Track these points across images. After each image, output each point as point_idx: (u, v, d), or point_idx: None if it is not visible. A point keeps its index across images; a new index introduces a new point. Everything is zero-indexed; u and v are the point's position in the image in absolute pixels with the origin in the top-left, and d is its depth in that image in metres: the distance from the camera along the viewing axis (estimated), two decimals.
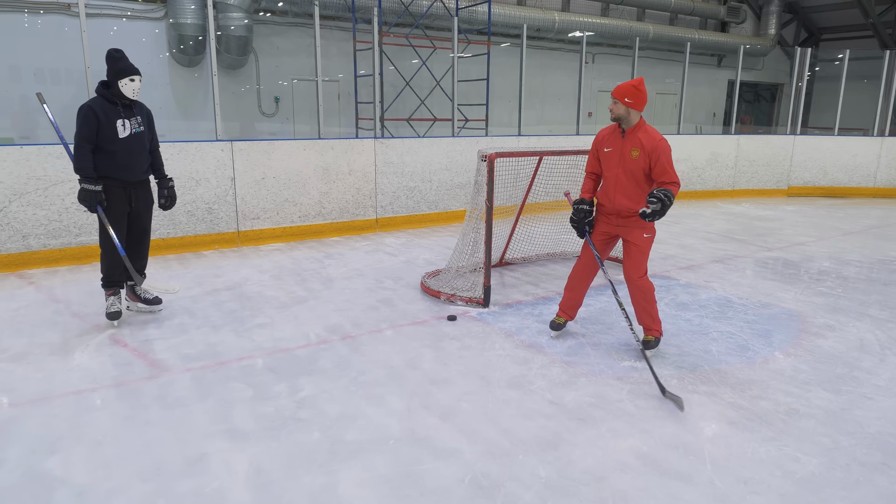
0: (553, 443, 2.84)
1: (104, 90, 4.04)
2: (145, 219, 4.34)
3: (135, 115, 4.13)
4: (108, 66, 4.02)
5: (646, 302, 3.86)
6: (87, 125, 3.92)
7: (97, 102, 3.99)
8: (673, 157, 3.72)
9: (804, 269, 6.06)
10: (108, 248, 4.15)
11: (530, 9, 12.54)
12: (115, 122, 4.01)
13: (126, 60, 4.05)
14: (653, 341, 3.92)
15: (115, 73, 3.99)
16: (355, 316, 4.52)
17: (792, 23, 17.61)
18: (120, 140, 4.02)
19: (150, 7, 9.14)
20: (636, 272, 3.81)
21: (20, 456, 2.69)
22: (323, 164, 7.08)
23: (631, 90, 3.66)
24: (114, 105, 4.03)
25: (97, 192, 3.99)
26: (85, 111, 3.94)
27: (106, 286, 4.26)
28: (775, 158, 11.12)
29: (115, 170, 4.05)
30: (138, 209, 4.26)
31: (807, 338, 4.21)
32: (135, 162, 4.14)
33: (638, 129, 3.71)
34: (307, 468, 2.62)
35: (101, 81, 4.07)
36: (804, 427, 3.00)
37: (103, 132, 3.97)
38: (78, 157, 3.95)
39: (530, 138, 8.78)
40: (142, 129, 4.17)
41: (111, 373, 3.52)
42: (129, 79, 4.02)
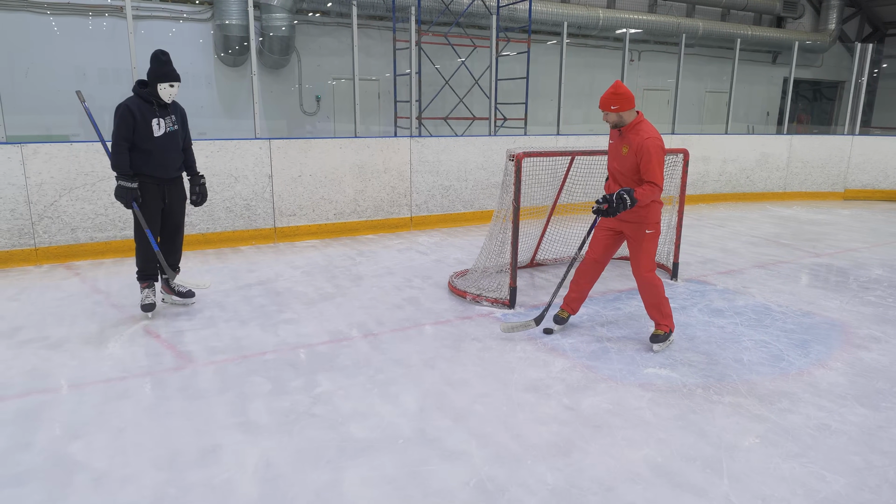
0: (565, 449, 2.78)
1: (141, 89, 4.15)
2: (178, 215, 4.46)
3: (169, 115, 4.25)
4: (152, 66, 4.12)
5: (654, 297, 3.93)
6: (124, 124, 4.04)
7: (134, 101, 4.10)
8: (719, 157, 3.80)
9: (853, 276, 5.76)
10: (143, 243, 4.30)
11: (573, 6, 12.35)
12: (151, 121, 4.12)
13: (170, 65, 4.14)
14: (661, 335, 3.95)
15: (156, 76, 4.10)
16: (380, 314, 4.54)
17: (854, 17, 16.77)
18: (155, 139, 4.15)
19: (197, 9, 9.45)
20: (641, 268, 3.91)
21: (47, 439, 2.81)
22: (359, 162, 7.16)
23: (613, 98, 3.72)
24: (150, 104, 4.14)
25: (133, 188, 4.13)
26: (122, 110, 4.05)
27: (141, 279, 4.41)
28: (831, 160, 10.61)
29: (151, 167, 4.18)
30: (171, 205, 4.38)
31: (848, 349, 3.99)
32: (169, 160, 4.26)
33: (631, 128, 3.79)
34: (315, 464, 2.64)
35: (139, 80, 4.19)
36: (834, 444, 2.85)
37: (139, 131, 4.08)
38: (115, 154, 4.08)
39: (569, 138, 8.64)
40: (176, 128, 4.29)
41: (141, 363, 3.65)
42: (169, 84, 4.12)
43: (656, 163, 3.66)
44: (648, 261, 3.89)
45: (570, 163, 5.52)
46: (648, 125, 3.78)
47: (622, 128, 3.79)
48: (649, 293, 3.93)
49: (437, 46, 10.46)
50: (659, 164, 3.68)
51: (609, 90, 3.76)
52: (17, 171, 5.51)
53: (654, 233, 3.89)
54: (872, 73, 11.11)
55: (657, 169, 3.67)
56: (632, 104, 3.74)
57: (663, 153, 3.73)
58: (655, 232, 3.90)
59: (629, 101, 3.72)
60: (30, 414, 3.04)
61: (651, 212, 3.85)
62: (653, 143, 3.67)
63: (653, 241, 3.91)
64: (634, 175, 3.77)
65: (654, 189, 3.68)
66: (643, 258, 3.89)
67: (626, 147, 3.77)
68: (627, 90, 3.75)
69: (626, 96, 3.71)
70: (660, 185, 3.68)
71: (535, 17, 11.31)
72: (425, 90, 10.52)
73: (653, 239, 3.90)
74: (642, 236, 3.87)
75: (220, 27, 9.11)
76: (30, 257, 5.67)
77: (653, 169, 3.66)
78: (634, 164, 3.74)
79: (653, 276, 3.91)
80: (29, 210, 5.60)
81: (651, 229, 3.88)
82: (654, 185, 3.67)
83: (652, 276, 3.90)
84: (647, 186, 3.67)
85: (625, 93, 3.72)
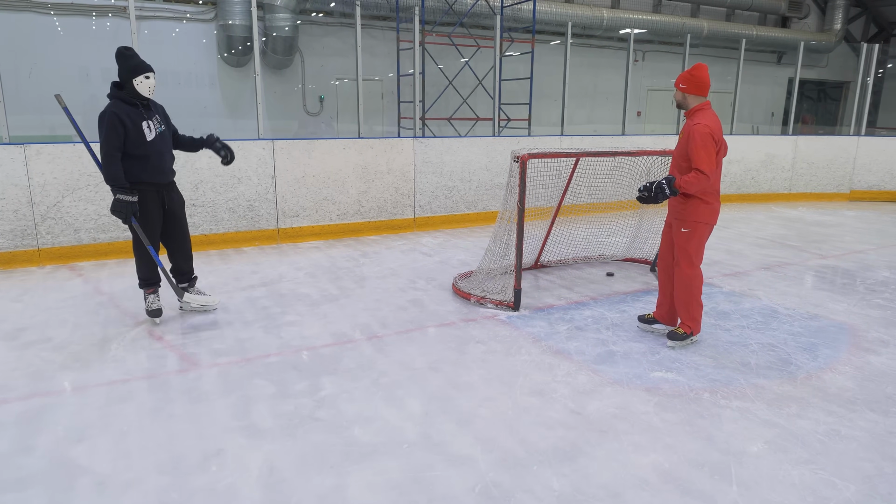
0: (571, 454, 2.75)
1: (119, 91, 3.88)
2: (181, 218, 4.35)
3: (154, 115, 4.03)
4: (120, 64, 3.84)
5: (684, 295, 3.94)
6: (113, 132, 3.76)
7: (119, 106, 3.83)
8: (725, 158, 3.72)
9: (861, 279, 5.71)
10: (142, 253, 4.17)
11: (577, 6, 12.31)
12: (141, 124, 3.89)
13: (138, 57, 3.86)
14: (680, 334, 3.95)
15: (128, 71, 3.82)
16: (384, 316, 4.52)
17: (860, 17, 16.68)
18: (148, 143, 3.93)
19: (200, 9, 9.44)
20: (676, 262, 3.94)
21: (49, 442, 2.79)
22: (362, 162, 7.14)
23: (685, 77, 3.76)
24: (135, 107, 3.89)
25: (133, 202, 3.89)
26: (109, 117, 3.76)
27: (144, 286, 4.32)
28: (837, 160, 10.55)
29: (149, 174, 3.98)
30: (172, 209, 4.24)
31: (857, 353, 3.96)
32: (165, 163, 4.10)
33: (691, 114, 3.80)
34: (318, 469, 2.62)
35: (114, 83, 3.91)
36: (844, 450, 2.81)
37: (130, 137, 3.84)
38: (108, 166, 3.80)
39: (573, 138, 8.61)
40: (163, 128, 4.08)
41: (144, 365, 3.63)
42: (145, 76, 3.85)
43: (701, 147, 3.59)
44: (684, 258, 3.89)
45: (574, 164, 5.49)
46: (707, 114, 3.74)
47: (685, 112, 3.85)
48: (680, 290, 3.96)
49: (441, 47, 10.44)
50: (704, 149, 3.59)
51: (689, 70, 3.79)
52: (20, 172, 5.50)
53: (690, 232, 3.83)
54: (877, 74, 11.03)
55: (702, 154, 3.59)
56: (700, 90, 3.73)
57: (711, 141, 3.62)
58: (693, 231, 3.83)
59: (698, 87, 3.72)
60: (32, 417, 3.02)
61: (689, 209, 3.80)
62: (699, 130, 3.62)
63: (689, 240, 3.85)
64: (684, 162, 3.76)
65: (699, 177, 3.59)
66: (679, 255, 3.92)
67: (682, 132, 3.82)
68: (704, 75, 3.73)
69: (698, 79, 3.72)
70: (706, 174, 3.59)
71: (539, 17, 11.28)
72: (429, 90, 10.49)
73: (689, 238, 3.85)
74: (677, 233, 3.89)
75: (224, 27, 9.10)
76: (33, 258, 5.66)
77: (697, 155, 3.59)
78: (684, 151, 3.73)
79: (688, 275, 3.89)
80: (32, 211, 5.59)
81: (687, 228, 3.84)
82: (700, 174, 3.59)
83: (687, 274, 3.89)
84: (692, 175, 3.62)
85: (699, 76, 3.72)
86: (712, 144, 3.63)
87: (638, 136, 9.35)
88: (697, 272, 3.92)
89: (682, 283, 3.93)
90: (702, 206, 3.79)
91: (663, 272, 4.16)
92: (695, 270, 3.91)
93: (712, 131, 3.64)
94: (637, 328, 4.31)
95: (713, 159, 3.62)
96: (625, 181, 5.79)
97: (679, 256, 3.92)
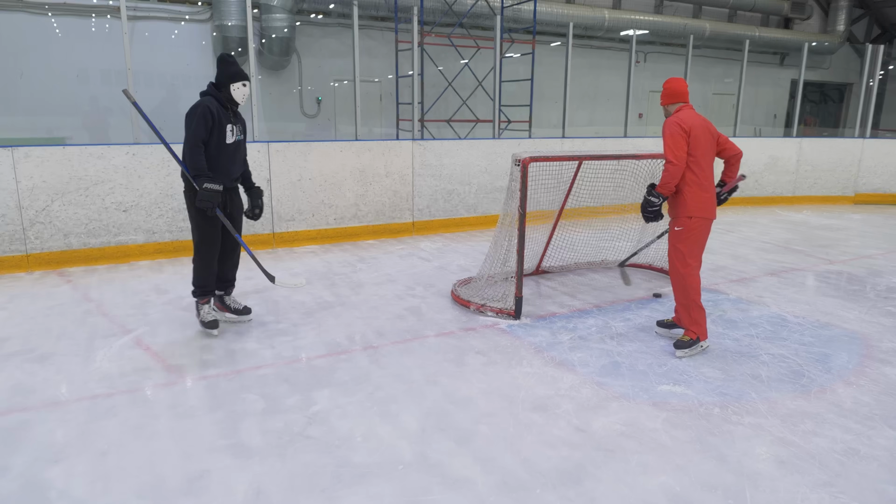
0: (576, 476, 2.60)
1: (216, 92, 3.94)
2: (238, 226, 4.22)
3: (238, 123, 4.06)
4: (221, 69, 3.93)
5: (682, 297, 3.88)
6: (203, 124, 3.80)
7: (212, 102, 3.87)
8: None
9: (870, 285, 5.56)
10: (205, 257, 4.06)
11: (579, 6, 12.17)
12: (226, 126, 3.92)
13: (238, 66, 3.97)
14: (686, 342, 3.85)
15: (228, 77, 3.89)
16: (380, 325, 4.37)
17: (863, 18, 16.54)
18: (226, 145, 3.94)
19: (195, 10, 9.29)
20: (669, 261, 3.90)
21: (24, 463, 2.64)
22: (359, 165, 6.99)
23: (662, 92, 3.92)
24: (225, 109, 3.94)
25: (219, 191, 3.83)
26: (202, 110, 3.81)
27: (198, 295, 4.15)
28: (841, 163, 10.40)
29: (217, 174, 3.93)
30: (232, 214, 4.15)
31: (871, 364, 3.80)
32: (233, 169, 4.06)
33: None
34: (308, 493, 2.47)
35: (211, 83, 3.98)
36: (864, 471, 2.66)
37: (214, 134, 3.87)
38: (194, 156, 3.81)
39: (574, 141, 8.47)
40: (241, 138, 4.11)
41: (129, 377, 3.48)
42: (242, 83, 3.93)
43: (668, 139, 3.68)
44: (676, 256, 3.84)
45: (577, 167, 5.34)
46: (680, 112, 3.79)
47: None
48: (677, 291, 3.91)
49: (440, 48, 10.29)
50: (671, 139, 3.67)
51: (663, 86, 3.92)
52: (7, 175, 5.35)
53: (680, 231, 3.79)
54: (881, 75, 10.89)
55: (670, 144, 3.66)
56: (676, 98, 3.84)
57: (677, 132, 3.67)
58: (686, 228, 3.78)
59: (673, 96, 3.85)
60: (9, 434, 2.87)
61: (679, 205, 3.79)
62: (665, 125, 3.73)
63: (681, 239, 3.81)
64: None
65: (667, 168, 3.67)
66: (671, 253, 3.88)
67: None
68: (673, 85, 3.86)
69: (670, 90, 3.85)
70: (673, 162, 3.65)
71: (540, 17, 11.14)
72: (428, 92, 10.35)
73: (681, 237, 3.81)
74: (672, 232, 3.86)
75: (220, 28, 8.96)
76: (21, 264, 5.51)
77: (667, 145, 3.68)
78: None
79: (681, 274, 3.83)
80: (20, 215, 5.45)
81: (679, 226, 3.80)
82: (668, 164, 3.66)
83: (680, 273, 3.83)
84: (663, 171, 3.70)
85: (670, 87, 3.87)
86: (679, 135, 3.67)
87: (640, 138, 9.21)
88: (691, 271, 3.81)
89: (676, 282, 3.89)
90: (690, 199, 3.74)
91: None
92: (688, 269, 3.80)
93: (679, 121, 3.70)
94: (655, 333, 4.23)
95: (679, 148, 3.66)
96: (628, 184, 5.65)
97: (671, 254, 3.88)
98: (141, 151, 5.85)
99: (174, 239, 6.09)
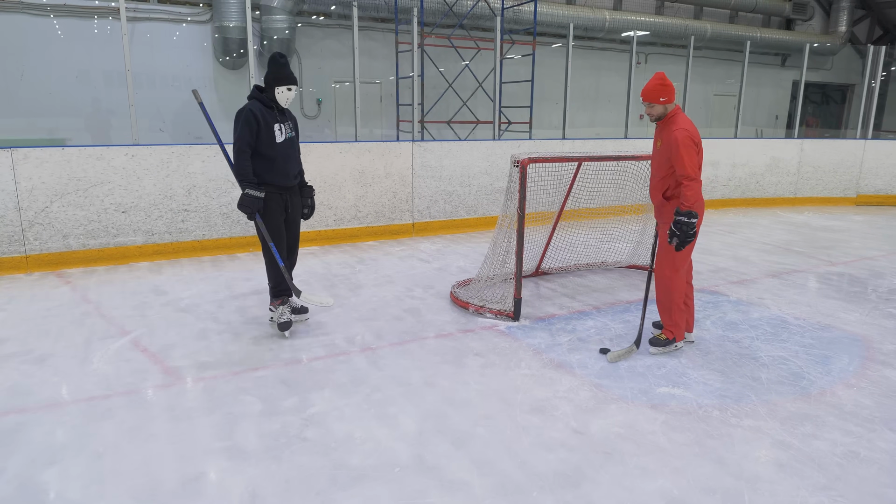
0: (573, 479, 2.58)
1: (260, 94, 3.95)
2: (297, 226, 4.24)
3: (287, 120, 4.05)
4: (270, 69, 3.91)
5: (665, 300, 3.86)
6: (248, 129, 3.82)
7: (256, 106, 3.89)
8: (728, 161, 3.87)
9: (872, 286, 5.54)
10: (272, 259, 4.07)
11: (579, 7, 12.16)
12: (273, 126, 3.91)
13: (288, 68, 3.94)
14: (662, 340, 3.86)
15: (274, 79, 3.89)
16: (379, 326, 4.36)
17: (865, 19, 16.51)
18: (277, 145, 3.93)
19: (196, 11, 9.30)
20: (658, 264, 3.87)
21: (20, 465, 2.63)
22: (359, 167, 6.98)
23: (661, 89, 3.64)
24: (270, 109, 3.94)
25: (260, 198, 3.88)
26: (246, 114, 3.83)
27: (274, 296, 4.18)
28: (843, 164, 10.37)
29: (273, 175, 3.95)
30: (293, 215, 4.16)
31: (872, 366, 3.78)
32: (290, 167, 4.05)
33: (668, 120, 3.71)
34: (304, 496, 2.45)
35: (257, 86, 3.98)
36: (865, 475, 2.64)
37: (262, 137, 3.87)
38: (239, 161, 3.85)
39: (574, 142, 8.45)
40: (293, 135, 4.09)
41: (126, 379, 3.47)
42: (287, 87, 3.91)
43: (684, 152, 3.52)
44: (667, 261, 3.80)
45: (577, 168, 5.33)
46: (683, 117, 3.69)
47: (660, 121, 3.73)
48: (661, 294, 3.88)
49: (441, 49, 10.29)
50: (687, 153, 3.52)
51: (655, 81, 3.66)
52: (6, 176, 5.35)
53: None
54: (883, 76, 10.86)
55: (685, 159, 3.52)
56: (674, 96, 3.67)
57: (692, 144, 3.56)
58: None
59: (674, 92, 3.66)
60: (5, 436, 2.86)
61: (672, 211, 3.72)
62: (680, 134, 3.55)
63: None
64: (667, 170, 3.68)
65: (691, 185, 3.52)
66: (662, 257, 3.84)
67: (660, 140, 3.72)
68: (670, 82, 3.67)
69: (671, 87, 3.64)
70: (694, 177, 3.53)
71: (541, 18, 11.13)
72: (428, 93, 10.34)
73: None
74: (663, 235, 3.80)
75: (220, 29, 8.96)
76: (20, 265, 5.51)
77: (680, 160, 3.52)
78: (667, 158, 3.64)
79: (669, 278, 3.81)
80: (19, 216, 5.44)
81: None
82: (689, 179, 3.53)
83: (668, 277, 3.81)
84: (683, 188, 3.54)
85: (670, 83, 3.65)
86: (692, 147, 3.58)
87: (641, 139, 9.19)
88: (678, 275, 3.83)
89: (662, 286, 3.87)
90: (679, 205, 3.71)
91: None
92: (676, 274, 3.82)
93: (690, 135, 3.59)
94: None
95: (695, 161, 3.58)
96: (628, 185, 5.64)
97: (662, 258, 3.84)
98: (140, 153, 5.84)
99: (173, 240, 6.08)
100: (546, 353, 3.89)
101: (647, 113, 3.73)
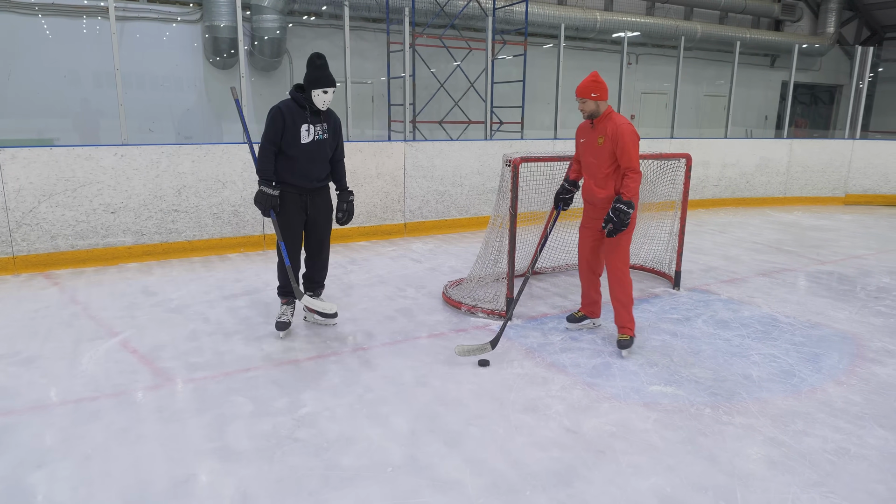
0: (566, 478, 2.58)
1: (297, 93, 3.90)
2: (323, 228, 4.18)
3: (322, 122, 3.96)
4: (308, 71, 3.84)
5: (625, 297, 3.89)
6: (273, 126, 3.81)
7: (287, 105, 3.86)
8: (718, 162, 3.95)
9: (861, 285, 5.58)
10: (280, 254, 4.05)
11: (570, 8, 12.20)
12: (300, 126, 3.86)
13: (326, 70, 3.84)
14: (628, 340, 3.88)
15: (310, 81, 3.83)
16: (371, 326, 4.34)
17: (853, 21, 16.67)
18: (301, 145, 3.87)
19: (185, 10, 9.24)
20: (610, 262, 3.91)
21: (6, 468, 2.60)
22: (350, 167, 6.93)
23: (593, 85, 3.76)
24: (302, 109, 3.88)
25: (274, 196, 3.87)
26: (273, 113, 3.82)
27: (281, 294, 4.17)
28: (832, 164, 10.46)
29: (292, 175, 3.92)
30: (315, 217, 4.09)
31: (862, 364, 3.81)
32: (313, 169, 3.97)
33: (605, 117, 3.81)
34: (296, 496, 2.43)
35: (297, 84, 3.93)
36: (855, 471, 2.65)
37: (287, 136, 3.84)
38: (261, 158, 3.85)
39: (566, 142, 8.46)
40: (325, 137, 3.98)
41: (115, 381, 3.43)
42: (323, 90, 3.83)
43: (632, 147, 3.68)
44: (620, 256, 3.88)
45: None
46: (620, 115, 3.83)
47: (595, 119, 3.83)
48: (618, 291, 3.91)
49: (432, 49, 10.28)
50: (634, 148, 3.70)
51: (588, 79, 3.79)
52: None
53: (629, 227, 3.82)
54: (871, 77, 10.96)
55: (633, 153, 3.69)
56: (606, 95, 3.79)
57: (637, 139, 3.73)
58: (631, 225, 3.84)
59: (606, 90, 3.79)
60: None
61: None
62: (627, 127, 3.71)
63: (626, 235, 3.86)
64: (611, 165, 3.78)
65: (635, 178, 3.70)
66: (613, 252, 3.89)
67: (601, 137, 3.79)
68: (603, 81, 3.80)
69: (604, 85, 3.78)
70: (639, 169, 3.72)
71: (532, 19, 11.15)
72: (420, 93, 10.33)
73: (628, 234, 3.87)
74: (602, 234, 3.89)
75: (210, 29, 8.91)
76: (7, 266, 5.45)
77: (629, 153, 3.68)
78: (611, 153, 3.75)
79: (624, 273, 3.90)
80: (6, 217, 5.38)
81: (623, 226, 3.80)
82: (635, 171, 3.69)
83: (622, 271, 3.89)
84: (627, 179, 3.70)
85: (603, 81, 3.79)
86: (637, 144, 3.73)
87: None
88: (628, 268, 3.94)
89: (616, 281, 3.90)
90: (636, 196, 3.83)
91: (588, 271, 4.17)
92: (627, 267, 3.93)
93: (634, 129, 3.75)
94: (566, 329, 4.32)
95: (637, 155, 3.77)
96: None
97: (614, 254, 3.88)
98: (129, 153, 5.80)
99: (163, 241, 6.04)
100: (538, 353, 3.89)
101: (579, 109, 3.84)
